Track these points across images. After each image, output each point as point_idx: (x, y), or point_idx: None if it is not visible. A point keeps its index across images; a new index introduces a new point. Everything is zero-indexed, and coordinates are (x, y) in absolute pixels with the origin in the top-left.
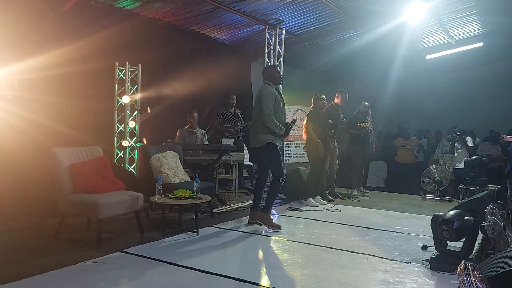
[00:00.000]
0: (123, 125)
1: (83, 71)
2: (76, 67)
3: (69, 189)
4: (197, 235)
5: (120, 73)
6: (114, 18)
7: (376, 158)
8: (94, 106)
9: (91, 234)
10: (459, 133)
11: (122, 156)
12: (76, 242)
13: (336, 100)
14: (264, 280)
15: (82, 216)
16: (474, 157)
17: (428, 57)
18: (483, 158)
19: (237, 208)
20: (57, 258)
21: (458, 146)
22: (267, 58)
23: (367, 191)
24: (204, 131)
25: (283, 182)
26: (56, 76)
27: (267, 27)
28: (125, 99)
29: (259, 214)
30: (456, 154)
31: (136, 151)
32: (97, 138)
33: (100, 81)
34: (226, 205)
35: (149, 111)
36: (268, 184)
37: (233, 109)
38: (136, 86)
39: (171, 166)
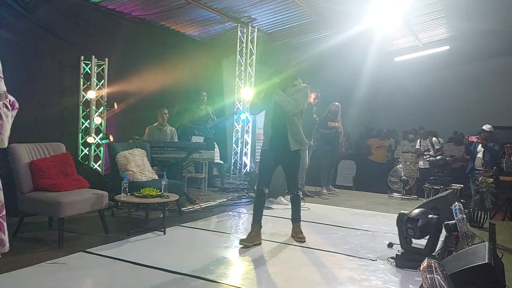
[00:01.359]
0: (89, 121)
1: (47, 65)
2: (40, 60)
3: (29, 186)
4: (164, 234)
5: (85, 67)
6: (80, 11)
7: (345, 157)
8: (57, 101)
9: (52, 234)
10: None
11: (87, 153)
12: (36, 242)
13: (310, 100)
14: (232, 280)
15: (43, 214)
16: (438, 157)
17: (396, 59)
18: (447, 158)
19: (206, 207)
20: (16, 258)
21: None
22: (239, 56)
23: (336, 189)
24: (174, 128)
25: (257, 191)
26: (18, 69)
27: (239, 24)
28: (91, 94)
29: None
30: None
31: (101, 148)
32: (60, 134)
33: (65, 75)
34: (195, 204)
35: (116, 107)
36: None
37: (204, 106)
38: (103, 81)
39: (138, 164)
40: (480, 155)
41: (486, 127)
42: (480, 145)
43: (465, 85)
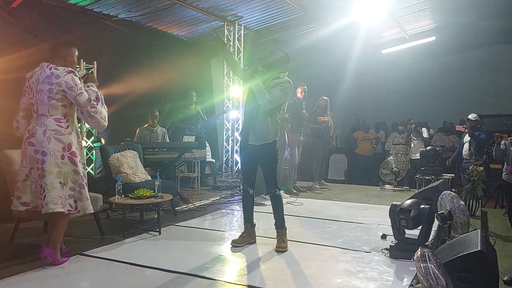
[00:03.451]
0: (80, 124)
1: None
2: (29, 66)
3: None
4: (160, 234)
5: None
6: (67, 15)
7: (336, 151)
8: None
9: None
10: (413, 126)
11: None
12: (33, 247)
13: (298, 95)
14: (228, 277)
15: (38, 219)
16: (428, 148)
17: (384, 51)
18: (437, 148)
19: (200, 206)
20: (13, 264)
21: (415, 138)
22: None
23: (328, 183)
24: (164, 129)
25: (242, 191)
26: (9, 79)
27: (225, 23)
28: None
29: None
30: (412, 146)
31: (94, 151)
32: None
33: None
34: (188, 203)
35: (106, 109)
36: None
37: (194, 105)
38: None
39: (131, 166)
40: (467, 144)
41: (472, 116)
42: (467, 134)
43: (452, 75)
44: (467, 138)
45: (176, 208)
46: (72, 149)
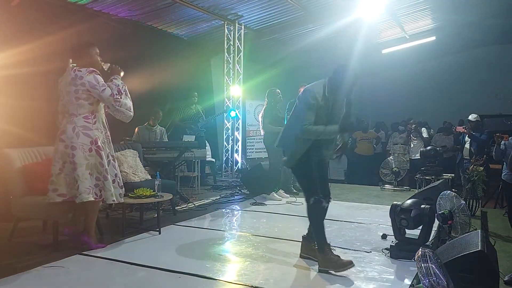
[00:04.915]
0: None
1: (36, 69)
2: (28, 65)
3: (23, 191)
4: (159, 234)
5: None
6: (67, 14)
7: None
8: (47, 107)
9: (47, 237)
10: (414, 126)
11: None
12: (32, 246)
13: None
14: (229, 276)
15: (38, 218)
16: (429, 148)
17: (384, 51)
18: (438, 148)
19: (200, 205)
20: (12, 264)
21: (414, 138)
22: (226, 54)
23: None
24: (163, 128)
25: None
26: (8, 77)
27: (226, 22)
28: None
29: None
30: (412, 146)
31: None
32: (52, 138)
33: (53, 80)
34: (188, 203)
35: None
36: None
37: (194, 105)
38: None
39: (131, 165)
40: (467, 145)
41: (472, 117)
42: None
43: (452, 74)
44: (468, 138)
45: (176, 208)
46: (99, 143)
